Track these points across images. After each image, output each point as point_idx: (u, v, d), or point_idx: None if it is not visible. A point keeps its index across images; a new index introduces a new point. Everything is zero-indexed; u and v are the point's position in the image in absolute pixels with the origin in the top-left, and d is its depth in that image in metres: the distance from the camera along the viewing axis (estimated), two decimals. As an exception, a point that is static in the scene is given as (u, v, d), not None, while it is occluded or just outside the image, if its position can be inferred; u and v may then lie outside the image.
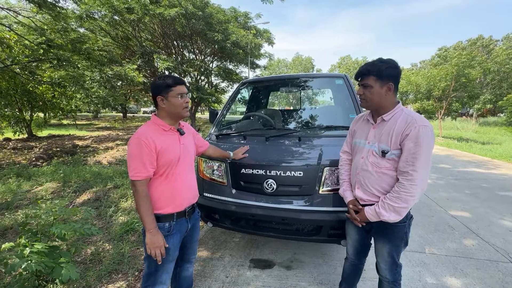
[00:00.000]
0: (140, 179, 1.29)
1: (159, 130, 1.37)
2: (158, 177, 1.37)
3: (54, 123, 16.24)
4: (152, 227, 1.31)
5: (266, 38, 15.41)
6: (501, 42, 26.92)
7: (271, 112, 3.16)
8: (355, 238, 1.61)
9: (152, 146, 1.29)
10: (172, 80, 1.37)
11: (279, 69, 42.04)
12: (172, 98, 1.35)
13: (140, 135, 1.29)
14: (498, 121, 20.88)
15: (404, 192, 1.26)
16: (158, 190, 1.37)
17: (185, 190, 1.46)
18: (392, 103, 1.36)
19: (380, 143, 1.36)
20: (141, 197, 1.29)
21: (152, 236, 1.31)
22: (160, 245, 1.32)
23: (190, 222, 1.53)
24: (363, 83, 1.37)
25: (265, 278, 2.18)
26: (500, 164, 7.01)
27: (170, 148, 1.37)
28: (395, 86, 1.33)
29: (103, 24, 11.13)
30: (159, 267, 1.40)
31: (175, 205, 1.41)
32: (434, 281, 2.16)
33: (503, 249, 2.66)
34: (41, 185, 4.60)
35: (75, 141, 10.09)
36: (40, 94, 9.62)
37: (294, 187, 1.99)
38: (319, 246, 2.65)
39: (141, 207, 1.30)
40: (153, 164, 1.31)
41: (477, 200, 4.12)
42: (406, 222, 1.39)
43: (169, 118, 1.41)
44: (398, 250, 1.44)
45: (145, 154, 1.28)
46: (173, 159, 1.37)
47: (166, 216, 1.39)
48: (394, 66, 1.32)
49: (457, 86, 13.20)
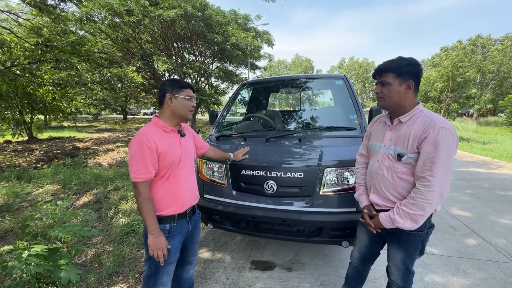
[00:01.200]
0: (142, 181, 1.29)
1: (160, 131, 1.37)
2: (159, 178, 1.37)
3: (54, 125, 16.26)
4: (155, 228, 1.31)
5: (265, 40, 15.44)
6: (499, 42, 26.87)
7: (271, 113, 3.16)
8: (364, 243, 1.56)
9: (153, 147, 1.29)
10: (184, 82, 1.43)
11: (279, 70, 42.12)
12: (182, 99, 1.38)
13: (142, 137, 1.30)
14: (499, 120, 20.86)
15: (420, 198, 1.19)
16: (159, 191, 1.38)
17: (186, 191, 1.46)
18: (411, 103, 1.28)
19: (396, 145, 1.29)
20: (143, 199, 1.29)
21: (154, 238, 1.31)
22: (162, 247, 1.32)
23: (191, 223, 1.53)
24: (381, 80, 1.30)
25: (266, 280, 2.17)
26: (500, 164, 6.99)
27: (171, 149, 1.37)
28: (415, 84, 1.26)
29: (103, 26, 11.17)
30: (160, 269, 1.40)
31: (176, 207, 1.41)
32: (435, 282, 2.15)
33: (505, 249, 2.65)
34: (41, 187, 4.60)
35: (76, 143, 10.09)
36: (41, 97, 9.64)
37: (294, 188, 1.98)
38: (320, 248, 2.64)
39: (144, 209, 1.30)
40: (154, 166, 1.32)
41: (478, 200, 4.11)
42: (424, 231, 1.32)
43: (172, 118, 1.41)
44: (412, 258, 1.38)
45: (147, 156, 1.28)
46: (174, 160, 1.37)
47: (167, 218, 1.40)
48: (415, 63, 1.26)
49: (454, 87, 13.22)
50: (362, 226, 1.56)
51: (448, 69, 13.02)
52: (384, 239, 1.49)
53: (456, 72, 12.95)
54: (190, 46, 13.82)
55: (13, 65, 6.89)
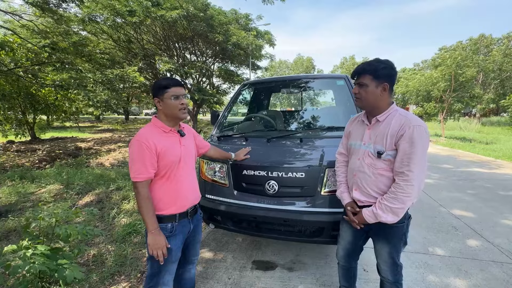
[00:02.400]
0: (141, 181, 1.31)
1: (159, 132, 1.39)
2: (159, 178, 1.38)
3: (57, 126, 16.34)
4: (154, 228, 1.32)
5: (267, 40, 15.43)
6: (501, 42, 26.68)
7: (272, 114, 3.16)
8: (348, 240, 1.61)
9: (152, 148, 1.31)
10: (167, 81, 1.38)
11: (280, 70, 42.11)
12: (167, 100, 1.36)
13: (141, 137, 1.32)
14: (501, 120, 20.73)
15: (400, 192, 1.26)
16: (160, 191, 1.39)
17: (187, 191, 1.47)
18: (386, 103, 1.37)
19: (375, 144, 1.37)
20: (142, 198, 1.31)
21: (154, 237, 1.32)
22: (162, 246, 1.33)
23: (193, 223, 1.54)
24: (359, 81, 1.37)
25: (267, 280, 2.18)
26: (503, 164, 6.95)
27: (171, 149, 1.38)
28: (390, 86, 1.34)
29: (105, 27, 11.21)
30: (162, 268, 1.41)
31: (177, 206, 1.42)
32: (437, 282, 2.14)
33: (508, 250, 2.64)
34: (44, 187, 4.62)
35: (78, 144, 10.15)
36: (43, 97, 9.70)
37: (296, 188, 1.99)
38: (322, 248, 2.64)
39: (143, 208, 1.31)
40: (154, 166, 1.33)
41: (481, 200, 4.09)
42: (404, 223, 1.40)
43: (167, 119, 1.42)
44: (397, 251, 1.44)
45: (146, 156, 1.30)
46: (174, 160, 1.39)
47: (169, 217, 1.41)
48: (391, 67, 1.34)
49: (456, 86, 13.17)
50: (345, 223, 1.62)
51: (451, 68, 12.96)
52: (366, 235, 1.55)
53: (459, 71, 12.90)
54: (192, 46, 13.85)
55: (17, 66, 6.93)
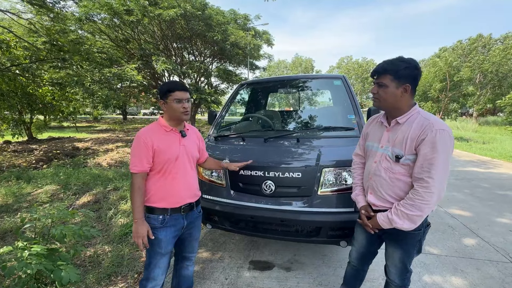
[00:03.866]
0: (136, 172, 1.42)
1: (161, 130, 1.50)
2: (155, 173, 1.48)
3: (54, 126, 16.24)
4: (139, 217, 1.41)
5: (265, 40, 15.45)
6: (500, 42, 26.78)
7: (269, 114, 3.16)
8: (362, 244, 1.56)
9: (149, 144, 1.42)
10: (172, 86, 1.48)
11: (278, 70, 42.08)
12: (170, 103, 1.46)
13: (141, 134, 1.44)
14: (498, 120, 20.85)
15: (419, 199, 1.18)
16: (155, 185, 1.48)
17: (182, 189, 1.53)
18: (408, 105, 1.28)
19: (394, 147, 1.29)
20: (134, 188, 1.41)
21: (137, 226, 1.41)
22: (143, 235, 1.41)
23: (187, 219, 1.58)
24: (378, 81, 1.29)
25: (264, 280, 2.18)
26: (499, 164, 7.00)
27: (169, 148, 1.47)
28: (412, 87, 1.25)
29: (103, 26, 11.17)
30: (152, 261, 1.50)
31: (169, 202, 1.49)
32: (434, 281, 2.15)
33: (503, 249, 2.66)
34: (41, 188, 4.60)
35: (75, 144, 10.09)
36: (40, 97, 9.64)
37: (293, 188, 1.99)
38: (319, 248, 2.64)
39: (133, 197, 1.42)
40: (149, 161, 1.43)
41: (477, 200, 4.11)
42: (421, 230, 1.33)
43: (170, 120, 1.52)
44: (410, 257, 1.38)
45: (142, 151, 1.42)
46: (170, 158, 1.47)
47: (161, 210, 1.49)
48: (414, 66, 1.24)
49: (452, 86, 13.28)
50: (359, 226, 1.57)
51: (444, 69, 13.08)
52: (381, 239, 1.49)
53: (453, 72, 13.02)
54: (190, 46, 13.83)
55: (14, 65, 6.88)
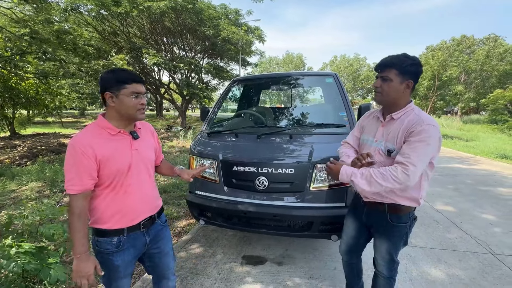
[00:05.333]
0: (75, 193, 1.07)
1: (103, 134, 1.15)
2: (104, 188, 1.16)
3: (38, 121, 15.69)
4: (81, 251, 1.08)
5: (257, 36, 15.36)
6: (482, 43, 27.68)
7: (262, 110, 3.18)
8: (350, 235, 1.60)
9: (90, 154, 1.08)
10: (126, 75, 1.15)
11: (270, 67, 42.05)
12: (124, 97, 1.13)
13: (77, 142, 1.08)
14: (481, 118, 21.69)
15: (392, 174, 1.20)
16: (103, 203, 1.17)
17: (139, 202, 1.24)
18: (405, 101, 1.32)
19: (387, 141, 1.33)
20: (73, 214, 1.07)
21: (79, 263, 1.08)
22: (88, 274, 1.09)
23: (149, 235, 1.30)
24: (383, 75, 1.29)
25: (257, 274, 2.21)
26: (481, 160, 7.30)
27: (117, 156, 1.15)
28: (414, 84, 1.29)
29: (89, 18, 10.81)
30: (113, 283, 1.23)
31: (125, 220, 1.21)
32: (419, 272, 2.24)
33: (484, 241, 2.79)
34: (26, 185, 4.45)
35: (61, 139, 9.80)
36: (23, 91, 9.27)
37: (285, 184, 2.02)
38: (310, 242, 2.70)
39: (73, 226, 1.08)
40: (92, 176, 1.10)
41: (461, 195, 4.29)
42: (407, 223, 1.37)
43: (119, 119, 1.18)
44: (396, 249, 1.43)
45: (82, 165, 1.07)
46: (120, 168, 1.16)
47: (114, 231, 1.19)
48: (419, 64, 1.27)
49: (440, 85, 13.70)
50: (348, 219, 1.62)
51: (434, 67, 13.46)
52: (369, 232, 1.53)
53: (442, 71, 13.42)
54: (180, 41, 13.60)
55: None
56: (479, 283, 2.12)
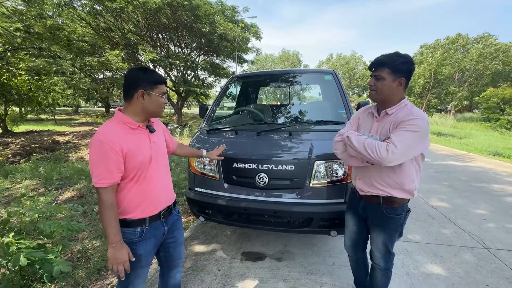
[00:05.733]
0: (105, 186, 1.14)
1: (125, 129, 1.21)
2: (128, 181, 1.23)
3: (31, 118, 15.40)
4: (116, 240, 1.16)
5: (253, 33, 15.27)
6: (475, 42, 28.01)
7: (261, 107, 3.18)
8: (353, 230, 1.65)
9: (118, 149, 1.14)
10: (159, 76, 1.28)
11: (266, 65, 41.92)
12: (156, 96, 1.24)
13: (103, 137, 1.13)
14: (474, 116, 22.04)
15: (376, 146, 1.27)
16: (128, 195, 1.24)
17: (159, 192, 1.34)
18: (399, 98, 1.38)
19: (381, 135, 1.39)
20: (105, 206, 1.15)
21: (115, 251, 1.16)
22: (124, 261, 1.18)
23: (167, 225, 1.40)
24: (376, 74, 1.36)
25: (257, 270, 2.23)
26: (475, 157, 7.43)
27: (140, 148, 1.23)
28: (406, 82, 1.35)
29: (83, 13, 10.61)
30: (132, 272, 1.29)
31: (148, 210, 1.29)
32: (416, 267, 2.29)
33: (478, 236, 2.86)
34: (20, 183, 4.39)
35: (55, 137, 9.65)
36: (16, 87, 9.08)
37: (285, 180, 2.03)
38: (309, 238, 2.72)
39: (105, 217, 1.15)
40: (120, 169, 1.17)
41: (455, 191, 4.37)
42: (402, 215, 1.43)
43: (141, 115, 1.25)
44: (392, 240, 1.48)
45: (110, 159, 1.13)
46: (143, 160, 1.24)
47: (138, 221, 1.27)
48: (411, 62, 1.33)
49: (435, 84, 13.86)
50: (348, 214, 1.67)
51: (432, 66, 13.59)
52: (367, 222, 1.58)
53: (439, 69, 13.57)
54: (176, 37, 13.44)
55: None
56: (474, 276, 2.17)
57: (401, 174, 1.36)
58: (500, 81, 23.62)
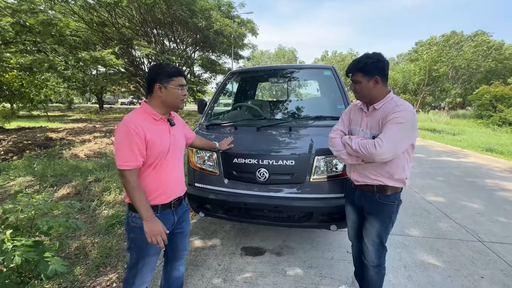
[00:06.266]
0: (130, 169, 1.24)
1: (148, 119, 1.31)
2: (146, 167, 1.32)
3: (23, 115, 15.11)
4: (149, 215, 1.27)
5: (249, 29, 15.19)
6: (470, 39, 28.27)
7: (260, 103, 3.17)
8: (353, 220, 1.70)
9: (141, 134, 1.24)
10: (174, 69, 1.35)
11: (262, 61, 41.73)
12: (172, 89, 1.32)
13: (129, 123, 1.24)
14: (466, 113, 22.36)
15: (367, 144, 1.35)
16: (145, 180, 1.33)
17: (173, 182, 1.42)
18: (383, 93, 1.44)
19: (371, 129, 1.46)
20: (133, 187, 1.25)
21: (150, 224, 1.27)
22: (160, 232, 1.29)
23: (177, 214, 1.48)
24: (353, 79, 1.47)
25: (257, 265, 2.24)
26: (468, 153, 7.56)
27: (160, 138, 1.32)
28: (382, 78, 1.41)
29: (76, 8, 10.38)
30: (140, 260, 1.37)
31: (161, 197, 1.37)
32: (413, 260, 2.33)
33: (473, 229, 2.92)
34: (13, 180, 4.31)
35: (48, 134, 9.47)
36: (7, 83, 8.88)
37: (286, 175, 2.03)
38: (308, 233, 2.74)
39: (135, 198, 1.26)
40: (142, 153, 1.26)
41: (450, 186, 4.44)
42: (395, 203, 1.49)
43: (162, 107, 1.35)
44: (386, 230, 1.53)
45: (134, 143, 1.23)
46: (163, 150, 1.33)
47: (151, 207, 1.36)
48: (378, 59, 1.41)
49: (430, 81, 14.01)
50: (347, 205, 1.71)
51: (426, 63, 13.72)
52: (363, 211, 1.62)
53: (434, 67, 13.71)
54: (171, 33, 13.28)
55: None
56: (469, 268, 2.22)
57: (392, 164, 1.43)
58: (493, 78, 23.95)
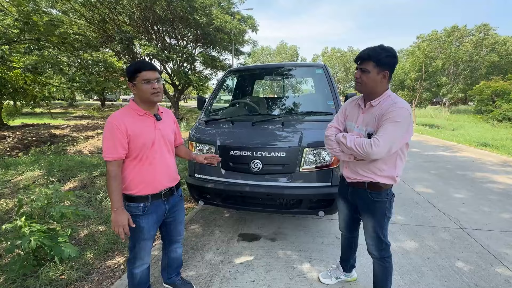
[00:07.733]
0: (110, 160, 1.35)
1: (133, 114, 1.42)
2: (132, 160, 1.42)
3: (26, 112, 15.33)
4: (118, 206, 1.36)
5: (250, 25, 15.22)
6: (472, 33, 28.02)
7: (256, 100, 3.33)
8: (345, 213, 1.78)
9: (123, 129, 1.35)
10: (138, 65, 1.40)
11: (262, 57, 41.67)
12: (140, 84, 1.38)
13: (112, 119, 1.37)
14: (468, 109, 22.36)
15: (363, 143, 1.35)
16: (132, 172, 1.43)
17: (160, 174, 1.50)
18: (383, 89, 1.43)
19: (367, 126, 1.46)
20: (110, 176, 1.36)
21: (116, 215, 1.36)
22: (123, 224, 1.37)
23: (168, 204, 1.58)
24: (362, 67, 1.40)
25: (252, 249, 2.43)
26: (463, 148, 7.71)
27: (143, 132, 1.41)
28: (390, 74, 1.40)
29: (77, 5, 10.48)
30: (137, 244, 1.51)
31: (149, 188, 1.46)
32: (397, 245, 2.51)
33: (456, 217, 3.10)
34: (21, 175, 4.51)
35: (52, 130, 9.69)
36: (10, 81, 9.05)
37: (278, 166, 2.22)
38: (300, 221, 2.93)
39: (109, 186, 1.37)
40: (124, 147, 1.37)
41: (440, 179, 4.61)
42: (387, 199, 1.51)
43: (141, 103, 1.45)
44: (381, 226, 1.55)
45: (116, 137, 1.34)
46: (145, 143, 1.41)
47: (141, 197, 1.46)
48: (393, 55, 1.37)
49: (426, 76, 14.06)
50: (339, 199, 1.79)
51: (420, 59, 13.77)
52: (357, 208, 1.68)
53: (429, 62, 13.76)
54: (172, 29, 13.35)
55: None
56: (447, 251, 2.41)
57: (384, 161, 1.43)
58: (495, 73, 23.82)
